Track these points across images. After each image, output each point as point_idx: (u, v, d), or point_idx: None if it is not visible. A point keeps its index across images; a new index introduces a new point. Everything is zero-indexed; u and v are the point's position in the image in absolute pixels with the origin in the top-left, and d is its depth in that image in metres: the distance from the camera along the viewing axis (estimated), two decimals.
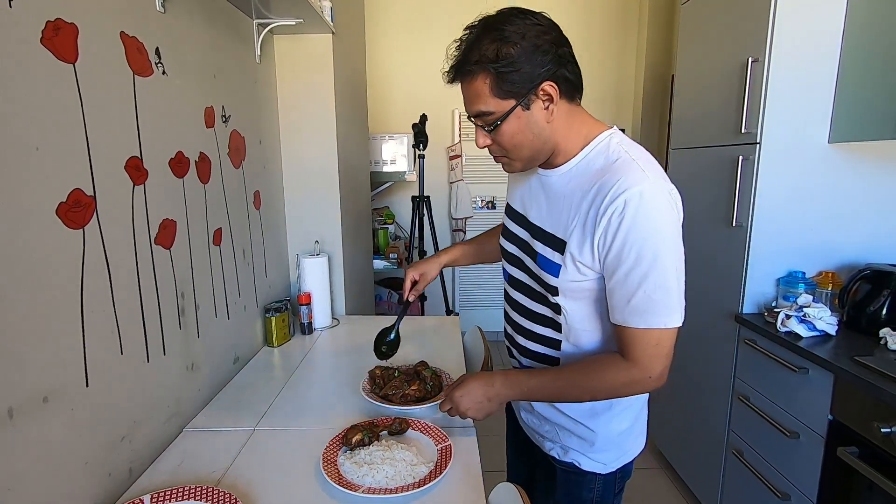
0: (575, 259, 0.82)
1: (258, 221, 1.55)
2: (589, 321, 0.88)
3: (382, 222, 3.43)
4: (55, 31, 0.74)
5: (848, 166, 1.58)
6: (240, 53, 1.42)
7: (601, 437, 0.93)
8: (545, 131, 0.82)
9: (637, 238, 0.75)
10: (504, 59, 0.75)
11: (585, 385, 0.84)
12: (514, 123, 0.80)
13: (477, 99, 0.80)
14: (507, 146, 0.83)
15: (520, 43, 0.75)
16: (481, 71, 0.77)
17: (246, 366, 1.43)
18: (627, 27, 3.52)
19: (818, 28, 1.51)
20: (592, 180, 0.81)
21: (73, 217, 0.77)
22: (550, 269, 0.86)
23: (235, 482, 0.90)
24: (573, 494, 0.98)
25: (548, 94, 0.79)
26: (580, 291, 0.85)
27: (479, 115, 0.81)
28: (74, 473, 0.79)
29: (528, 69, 0.76)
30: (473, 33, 0.79)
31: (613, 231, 0.76)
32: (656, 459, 2.31)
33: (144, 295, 0.96)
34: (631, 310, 0.78)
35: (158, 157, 1.01)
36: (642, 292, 0.77)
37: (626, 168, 0.78)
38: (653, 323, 0.78)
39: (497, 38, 0.76)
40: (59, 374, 0.75)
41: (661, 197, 0.77)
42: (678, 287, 0.78)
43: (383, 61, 3.50)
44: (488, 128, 0.82)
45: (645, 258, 0.76)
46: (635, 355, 0.80)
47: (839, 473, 1.27)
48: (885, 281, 1.44)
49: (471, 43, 0.78)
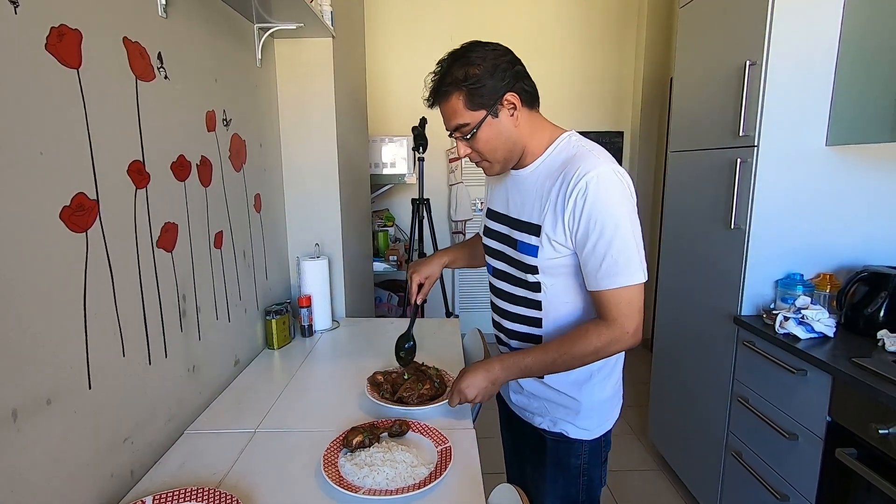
0: (550, 239, 0.96)
1: (259, 224, 1.55)
2: (566, 293, 1.01)
3: (382, 224, 3.44)
4: (59, 37, 0.75)
5: (845, 169, 1.59)
6: (241, 57, 1.43)
7: (585, 405, 1.05)
8: (514, 134, 0.98)
9: (599, 212, 0.90)
10: (472, 79, 0.92)
11: (574, 352, 0.95)
12: (486, 130, 0.96)
13: (454, 115, 0.96)
14: (484, 150, 0.98)
15: (482, 64, 0.92)
16: (455, 90, 0.94)
17: (246, 368, 1.43)
18: (626, 30, 3.53)
19: (815, 31, 1.52)
20: (558, 171, 0.96)
21: (77, 221, 0.78)
22: (529, 251, 1.00)
23: (237, 484, 0.90)
24: (563, 462, 1.09)
25: (511, 103, 0.95)
26: (557, 268, 0.99)
27: (458, 128, 0.97)
28: (76, 475, 0.79)
29: (491, 84, 0.93)
30: (444, 65, 0.95)
31: (580, 209, 0.91)
32: (656, 461, 2.31)
33: (146, 298, 0.97)
34: (602, 274, 0.92)
35: (160, 161, 1.02)
36: (609, 257, 0.91)
37: (583, 157, 0.94)
38: (621, 282, 0.91)
39: (464, 63, 0.93)
40: (62, 376, 0.76)
41: (612, 177, 0.91)
42: (637, 249, 0.92)
43: (383, 64, 3.51)
44: (466, 137, 0.97)
45: (607, 228, 0.90)
46: (612, 315, 0.93)
47: (838, 475, 1.27)
48: (883, 283, 1.44)
49: (443, 72, 0.95)
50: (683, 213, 2.04)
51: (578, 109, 3.60)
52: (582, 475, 1.09)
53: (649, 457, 2.35)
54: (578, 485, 1.09)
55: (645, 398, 2.48)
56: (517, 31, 3.39)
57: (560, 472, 1.09)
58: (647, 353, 3.27)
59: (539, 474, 1.12)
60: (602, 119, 3.63)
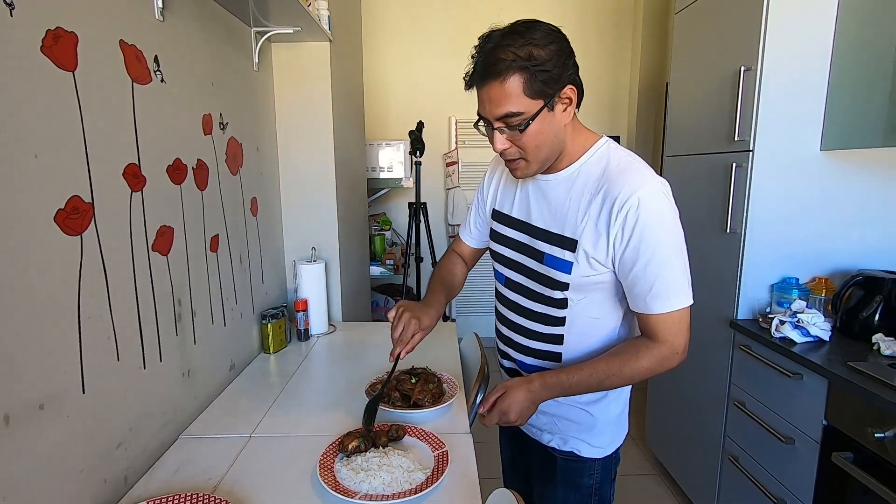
0: (589, 256, 0.89)
1: (255, 228, 1.55)
2: (595, 308, 0.95)
3: (379, 228, 3.44)
4: (55, 39, 0.74)
5: (839, 173, 1.60)
6: (238, 61, 1.43)
7: (601, 421, 1.01)
8: (561, 133, 0.88)
9: (651, 232, 0.84)
10: (537, 60, 0.79)
11: (624, 372, 0.89)
12: (539, 124, 0.84)
13: (507, 100, 0.81)
14: (529, 147, 0.86)
15: (549, 47, 0.80)
16: (516, 70, 0.79)
17: (242, 373, 1.42)
18: (622, 35, 3.56)
19: (809, 38, 1.53)
20: (597, 183, 0.89)
21: (71, 224, 0.78)
22: (561, 266, 0.92)
23: (232, 489, 0.89)
24: (575, 482, 1.04)
25: (569, 97, 0.85)
26: (590, 285, 0.92)
27: (507, 117, 0.83)
28: (70, 480, 0.78)
29: (556, 72, 0.81)
30: (495, 39, 0.81)
31: (630, 228, 0.84)
32: (653, 466, 2.31)
33: (141, 302, 0.96)
34: (653, 296, 0.86)
35: (156, 164, 1.02)
36: (662, 280, 0.85)
37: (630, 171, 0.87)
38: (675, 305, 0.87)
39: (528, 41, 0.80)
40: (56, 380, 0.75)
41: (664, 196, 0.86)
42: (687, 270, 0.88)
43: (380, 68, 3.52)
44: (516, 128, 0.84)
45: (661, 249, 0.85)
46: (662, 336, 0.88)
47: (834, 478, 1.27)
48: (878, 287, 1.45)
49: (499, 46, 0.80)
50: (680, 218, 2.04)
51: None
52: (594, 495, 1.04)
53: (647, 462, 2.35)
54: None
55: (643, 403, 2.48)
56: None
57: (571, 492, 1.04)
58: None
59: (548, 494, 1.07)
60: (598, 123, 3.64)
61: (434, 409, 1.14)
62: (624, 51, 3.58)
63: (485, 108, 0.85)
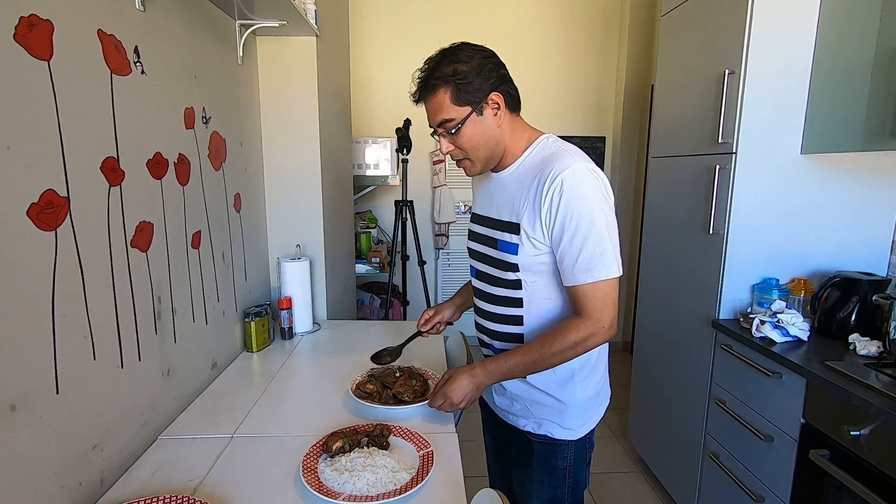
0: (529, 236, 0.98)
1: (238, 224, 1.52)
2: (547, 290, 1.03)
3: (365, 226, 3.42)
4: (29, 27, 0.72)
5: (819, 177, 1.63)
6: (221, 54, 1.40)
7: (570, 405, 1.06)
8: (496, 134, 1.00)
9: (574, 208, 0.92)
10: (459, 74, 0.95)
11: (553, 349, 0.96)
12: (471, 127, 0.98)
13: (439, 109, 0.97)
14: (467, 147, 1.00)
15: (470, 62, 0.95)
16: (442, 85, 0.96)
17: (224, 372, 1.40)
18: (608, 37, 3.58)
19: (792, 43, 1.56)
20: (536, 170, 0.99)
21: (45, 219, 0.75)
22: (510, 249, 1.02)
23: (213, 491, 0.88)
24: (550, 464, 1.09)
25: (496, 102, 0.98)
26: (537, 265, 1.00)
27: (442, 123, 0.99)
28: (43, 483, 0.76)
29: (478, 82, 0.96)
30: (433, 61, 0.97)
31: (556, 206, 0.93)
32: (635, 463, 2.33)
33: (119, 299, 0.94)
34: (578, 268, 0.94)
35: (136, 158, 0.99)
36: (585, 252, 0.93)
37: (559, 156, 0.97)
38: (597, 276, 0.93)
39: (452, 60, 0.96)
40: (29, 380, 0.73)
41: (587, 174, 0.94)
42: (612, 244, 0.95)
43: (367, 64, 3.49)
44: (451, 132, 0.99)
45: (583, 223, 0.92)
46: (588, 310, 0.95)
47: (811, 475, 1.30)
48: (854, 288, 1.49)
49: (432, 67, 0.97)
50: (663, 218, 2.07)
51: (561, 114, 3.64)
52: (568, 477, 1.10)
53: (629, 459, 2.37)
54: (565, 487, 1.10)
55: (625, 401, 2.51)
56: (502, 36, 3.40)
57: (547, 474, 1.10)
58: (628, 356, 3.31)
59: (525, 477, 1.12)
60: (584, 124, 3.67)
61: (415, 405, 1.15)
62: (610, 53, 3.60)
63: (429, 118, 1.01)
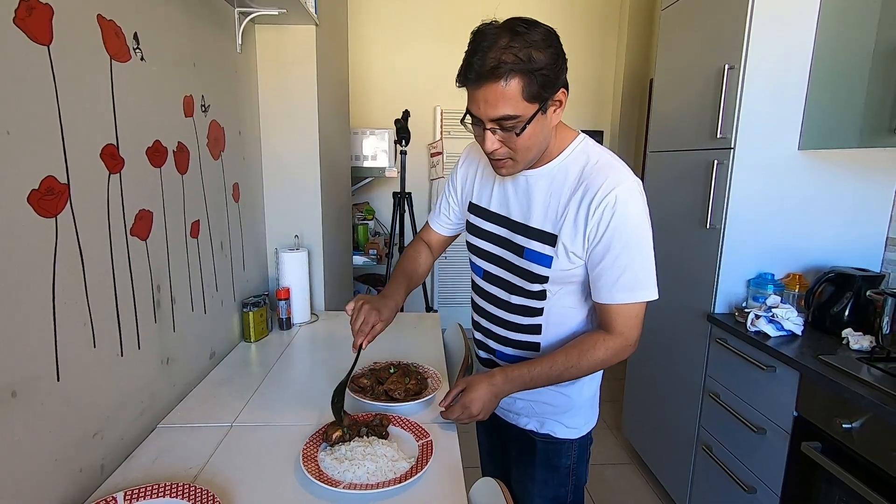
0: (568, 250, 0.92)
1: (237, 214, 1.52)
2: (572, 299, 0.98)
3: (362, 218, 3.41)
4: (28, 11, 0.71)
5: (816, 173, 1.64)
6: (220, 42, 1.39)
7: (576, 403, 1.04)
8: (549, 135, 0.90)
9: (624, 230, 0.87)
10: (537, 63, 0.77)
11: (581, 364, 0.93)
12: (534, 127, 0.83)
13: (504, 102, 0.79)
14: (520, 149, 0.86)
15: (548, 50, 0.78)
16: (519, 74, 0.77)
17: (222, 361, 1.40)
18: (608, 31, 3.57)
19: (791, 39, 1.56)
20: (577, 180, 0.91)
21: (46, 205, 0.75)
22: (541, 260, 0.94)
23: (213, 479, 0.88)
24: (553, 463, 1.07)
25: (560, 100, 0.85)
26: (568, 277, 0.95)
27: (503, 119, 0.81)
28: (43, 469, 0.76)
29: (554, 76, 0.80)
30: (493, 38, 0.77)
31: (606, 225, 0.87)
32: (629, 455, 2.36)
33: (119, 287, 0.93)
34: (619, 287, 0.90)
35: (135, 146, 0.98)
36: (629, 273, 0.89)
37: (608, 169, 0.90)
38: (639, 297, 0.91)
39: (528, 43, 0.76)
40: (29, 367, 0.73)
41: (638, 196, 0.89)
42: (653, 266, 0.92)
43: (366, 55, 3.47)
44: (511, 131, 0.82)
45: (631, 245, 0.88)
46: (619, 328, 0.92)
47: (803, 467, 1.32)
48: (848, 283, 1.50)
49: (499, 46, 0.76)
50: (661, 212, 2.07)
51: None
52: (571, 475, 1.08)
53: (623, 451, 2.40)
54: (567, 485, 1.08)
55: (620, 394, 2.53)
56: None
57: (550, 473, 1.07)
58: None
59: (527, 476, 1.09)
60: (582, 118, 3.67)
61: (410, 403, 1.12)
62: (609, 46, 3.59)
63: (479, 108, 0.81)
